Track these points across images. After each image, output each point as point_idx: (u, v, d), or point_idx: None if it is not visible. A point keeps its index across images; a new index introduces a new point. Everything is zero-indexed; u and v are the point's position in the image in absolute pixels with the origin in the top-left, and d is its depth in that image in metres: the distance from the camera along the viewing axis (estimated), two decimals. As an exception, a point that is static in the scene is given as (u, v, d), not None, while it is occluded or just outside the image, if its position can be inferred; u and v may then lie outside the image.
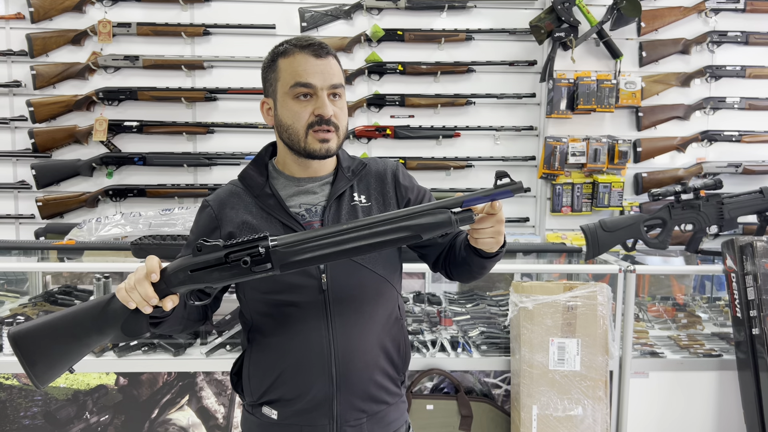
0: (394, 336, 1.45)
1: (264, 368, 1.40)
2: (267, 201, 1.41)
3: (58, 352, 1.23)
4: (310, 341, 1.36)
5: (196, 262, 1.20)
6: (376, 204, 1.44)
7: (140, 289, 1.18)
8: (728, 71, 3.34)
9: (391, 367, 1.44)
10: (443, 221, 1.21)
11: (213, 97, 3.25)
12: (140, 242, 2.53)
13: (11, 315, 2.58)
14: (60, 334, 1.23)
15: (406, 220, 1.21)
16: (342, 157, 1.49)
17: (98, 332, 1.22)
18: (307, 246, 1.20)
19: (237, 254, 1.19)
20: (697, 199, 2.70)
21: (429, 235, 1.22)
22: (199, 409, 2.46)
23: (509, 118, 3.41)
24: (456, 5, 3.30)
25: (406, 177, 1.51)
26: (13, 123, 3.25)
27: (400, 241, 1.22)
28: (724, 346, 2.69)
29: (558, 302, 2.39)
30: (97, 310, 1.23)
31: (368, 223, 1.21)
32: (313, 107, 1.35)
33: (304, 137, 1.35)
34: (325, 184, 1.44)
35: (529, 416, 2.37)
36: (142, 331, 1.24)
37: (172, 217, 2.90)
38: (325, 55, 1.37)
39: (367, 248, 1.21)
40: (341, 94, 1.39)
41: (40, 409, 2.40)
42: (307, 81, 1.34)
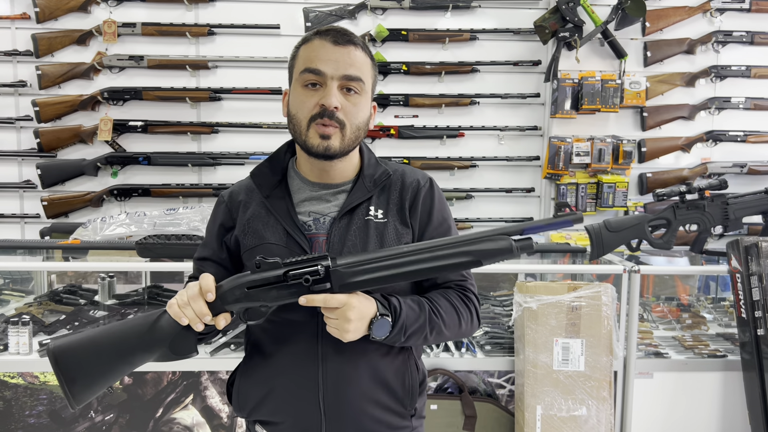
0: (396, 367, 1.32)
1: (254, 384, 1.33)
2: (276, 203, 1.32)
3: (100, 370, 1.16)
4: (300, 364, 1.27)
5: (253, 280, 1.17)
6: (392, 221, 1.32)
7: (195, 306, 1.15)
8: (733, 71, 3.33)
9: (392, 401, 1.32)
10: (504, 248, 1.18)
11: (217, 97, 3.26)
12: (145, 242, 2.54)
13: (16, 314, 2.59)
14: (104, 350, 1.17)
15: (468, 245, 1.18)
16: (366, 163, 1.36)
17: (144, 350, 1.17)
18: (367, 267, 1.17)
19: (297, 272, 1.16)
20: (701, 199, 2.69)
21: (489, 261, 1.19)
22: (203, 409, 2.46)
23: (513, 118, 3.40)
24: (460, 5, 3.30)
25: (427, 202, 1.36)
26: (18, 123, 3.26)
27: (460, 266, 1.19)
28: (729, 346, 2.69)
29: (562, 302, 2.39)
30: (145, 327, 1.18)
31: (429, 247, 1.19)
32: (319, 97, 1.23)
33: (306, 129, 1.25)
34: (340, 193, 1.33)
35: (533, 416, 2.37)
36: (191, 350, 1.19)
37: (176, 217, 2.90)
38: (345, 42, 1.25)
39: (427, 271, 1.19)
40: (359, 90, 1.26)
41: (45, 408, 2.41)
42: (316, 67, 1.23)
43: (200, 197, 3.32)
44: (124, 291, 3.09)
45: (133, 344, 1.17)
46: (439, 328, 1.28)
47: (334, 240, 1.28)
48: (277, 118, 3.30)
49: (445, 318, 1.29)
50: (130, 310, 2.75)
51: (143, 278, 3.24)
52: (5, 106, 3.26)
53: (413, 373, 1.35)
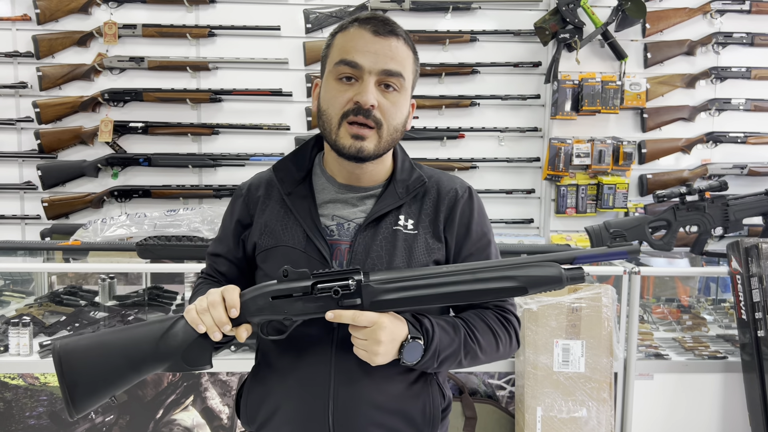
0: (416, 392, 1.20)
1: (262, 397, 1.23)
2: (298, 202, 1.21)
3: (105, 376, 1.08)
4: (310, 381, 1.17)
5: (279, 289, 1.09)
6: (423, 233, 1.20)
7: (214, 313, 1.07)
8: (733, 72, 3.33)
9: (409, 428, 1.19)
10: (554, 277, 1.09)
11: (218, 98, 3.26)
12: (145, 243, 2.54)
13: (17, 315, 2.59)
14: (112, 353, 1.08)
15: (514, 269, 1.09)
16: (400, 167, 1.25)
17: (155, 357, 1.09)
18: (402, 285, 1.08)
19: (326, 285, 1.07)
20: (702, 200, 2.70)
21: (536, 290, 1.10)
22: (203, 410, 2.46)
23: (514, 119, 3.40)
24: (460, 6, 3.30)
25: (466, 214, 1.24)
26: (19, 124, 3.26)
27: (503, 291, 1.09)
28: (729, 348, 2.69)
29: (562, 304, 2.39)
30: (159, 332, 1.09)
31: (471, 269, 1.10)
32: (354, 93, 1.12)
33: (337, 128, 1.14)
34: (369, 198, 1.22)
35: (534, 418, 2.37)
36: (205, 362, 1.11)
37: (177, 218, 2.91)
38: (386, 33, 1.13)
39: (466, 295, 1.09)
40: (398, 87, 1.15)
41: (45, 409, 2.41)
42: (352, 59, 1.11)
43: (201, 198, 3.32)
44: (125, 292, 3.09)
45: (144, 349, 1.09)
46: (475, 353, 1.17)
47: (357, 249, 1.17)
48: (277, 120, 3.31)
49: (482, 341, 1.18)
50: (130, 311, 2.75)
51: (144, 279, 3.24)
52: (6, 107, 3.27)
53: (435, 399, 1.22)
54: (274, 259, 1.19)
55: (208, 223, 2.86)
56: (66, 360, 1.07)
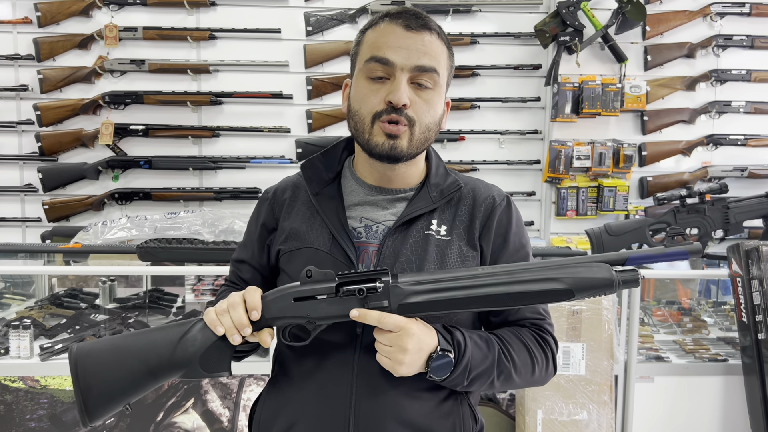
0: (444, 413, 1.09)
1: (276, 413, 1.14)
2: (325, 203, 1.15)
3: (121, 380, 1.03)
4: (329, 391, 1.08)
5: (302, 290, 1.02)
6: (457, 240, 1.13)
7: (233, 314, 1.01)
8: (733, 75, 3.34)
9: None
10: (604, 280, 0.98)
11: (218, 100, 3.26)
12: (146, 245, 2.54)
13: (17, 318, 2.59)
14: (128, 358, 1.04)
15: (558, 270, 0.99)
16: (434, 171, 1.18)
17: (172, 362, 1.04)
18: (434, 286, 1.00)
19: (351, 286, 1.00)
20: (702, 203, 2.70)
21: (583, 294, 0.99)
22: (204, 413, 2.46)
23: (514, 121, 3.41)
24: (461, 9, 3.30)
25: (503, 223, 1.17)
26: (20, 126, 3.27)
27: (546, 295, 0.99)
28: (730, 350, 2.68)
29: (563, 306, 2.39)
30: (177, 336, 1.05)
31: (510, 269, 1.01)
32: (386, 92, 1.06)
33: (369, 127, 1.08)
34: (400, 200, 1.16)
35: (534, 421, 2.37)
36: (223, 368, 1.04)
37: (177, 221, 2.91)
38: (418, 27, 1.07)
39: (504, 298, 0.99)
40: (432, 83, 1.08)
41: (46, 411, 2.41)
42: (384, 56, 1.06)
43: (201, 201, 3.32)
44: (125, 295, 3.09)
45: (161, 353, 1.04)
46: (509, 373, 1.07)
47: (386, 252, 1.10)
48: (278, 122, 3.31)
49: (517, 362, 1.08)
50: (131, 313, 2.75)
51: (144, 282, 3.24)
52: (7, 109, 3.27)
53: (467, 422, 1.12)
54: (297, 261, 1.13)
55: (209, 225, 2.86)
56: (81, 363, 1.03)
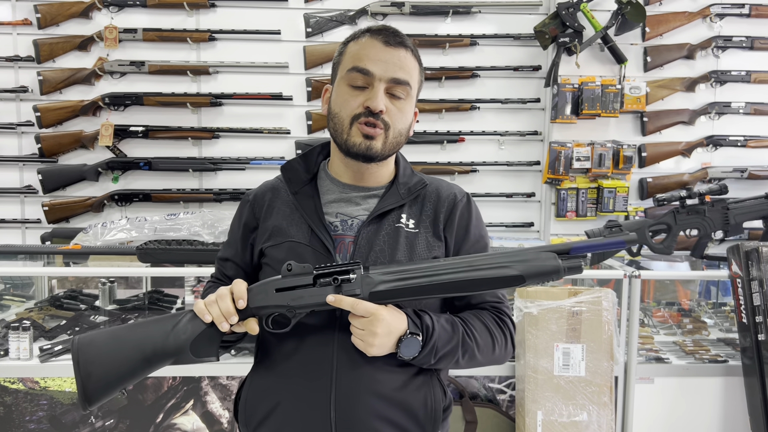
0: (417, 386, 1.22)
1: (261, 394, 1.25)
2: (304, 201, 1.27)
3: (117, 368, 1.13)
4: (312, 375, 1.19)
5: (283, 282, 1.14)
6: (424, 233, 1.26)
7: (221, 304, 1.11)
8: (733, 76, 3.34)
9: (412, 423, 1.21)
10: (551, 269, 1.11)
11: (218, 102, 3.26)
12: (145, 247, 2.54)
13: (17, 319, 2.59)
14: (125, 347, 1.14)
15: (514, 258, 1.12)
16: (402, 171, 1.32)
17: (165, 350, 1.14)
18: (400, 276, 1.12)
19: (327, 279, 1.13)
20: (702, 204, 2.70)
21: (534, 281, 1.12)
22: (203, 414, 2.46)
23: (514, 123, 3.41)
24: (460, 11, 3.30)
25: (465, 217, 1.30)
26: (19, 128, 3.26)
27: (500, 281, 1.12)
28: (730, 351, 2.68)
29: (563, 307, 2.38)
30: (170, 325, 1.15)
31: (468, 260, 1.14)
32: (365, 98, 1.19)
33: (348, 128, 1.20)
34: (371, 197, 1.28)
35: (534, 422, 2.37)
36: (212, 354, 1.15)
37: (177, 222, 2.91)
38: (395, 44, 1.22)
39: (465, 284, 1.12)
40: (405, 94, 1.23)
41: (45, 413, 2.41)
42: (364, 67, 1.19)
43: (201, 202, 3.32)
44: (125, 296, 3.09)
45: (155, 343, 1.14)
46: (472, 352, 1.20)
47: (361, 243, 1.22)
48: (278, 124, 3.31)
49: (480, 341, 1.22)
50: (130, 315, 2.75)
51: (144, 283, 3.24)
52: (7, 111, 3.27)
53: (437, 395, 1.24)
54: (280, 253, 1.24)
55: (209, 227, 2.86)
56: (83, 352, 1.12)
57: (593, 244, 1.13)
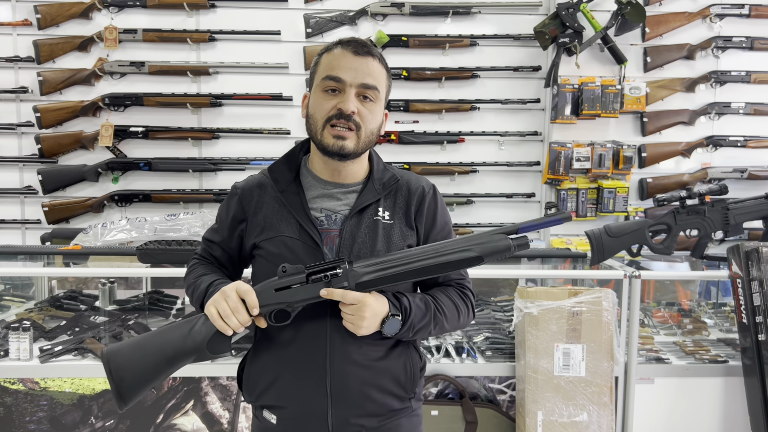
0: (397, 355, 1.42)
1: (262, 369, 1.42)
2: (291, 198, 1.41)
3: (145, 369, 1.29)
4: (308, 350, 1.36)
5: (280, 282, 1.30)
6: (398, 223, 1.43)
7: (239, 317, 1.27)
8: (733, 76, 3.34)
9: (393, 385, 1.41)
10: (504, 246, 1.32)
11: (218, 102, 3.26)
12: (145, 247, 2.54)
13: (17, 320, 2.59)
14: (149, 352, 1.30)
15: (471, 242, 1.32)
16: (375, 168, 1.47)
17: (184, 351, 1.30)
18: (380, 267, 1.30)
19: (318, 275, 1.30)
20: (702, 204, 2.69)
21: (491, 258, 1.32)
22: (203, 414, 2.46)
23: (514, 123, 3.41)
24: (460, 11, 3.31)
25: (432, 207, 1.47)
26: (19, 128, 3.27)
27: (463, 263, 1.32)
28: (730, 352, 2.68)
29: (563, 308, 2.38)
30: (186, 330, 1.31)
31: (434, 247, 1.33)
32: (337, 101, 1.34)
33: (321, 129, 1.35)
34: (351, 192, 1.43)
35: (534, 422, 2.37)
36: (226, 350, 1.31)
37: (177, 223, 2.91)
38: (364, 53, 1.36)
39: (434, 269, 1.31)
40: (374, 98, 1.37)
41: (45, 414, 2.41)
42: (336, 75, 1.34)
43: (201, 203, 3.32)
44: (125, 297, 3.09)
45: (175, 346, 1.30)
46: (442, 324, 1.41)
47: (345, 236, 1.37)
48: (277, 124, 3.31)
49: (447, 314, 1.42)
50: (130, 315, 2.75)
51: (144, 284, 3.24)
52: (7, 112, 3.27)
53: (414, 360, 1.45)
54: (273, 247, 1.39)
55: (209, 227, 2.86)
56: (113, 361, 1.28)
57: (536, 223, 1.34)
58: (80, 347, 2.49)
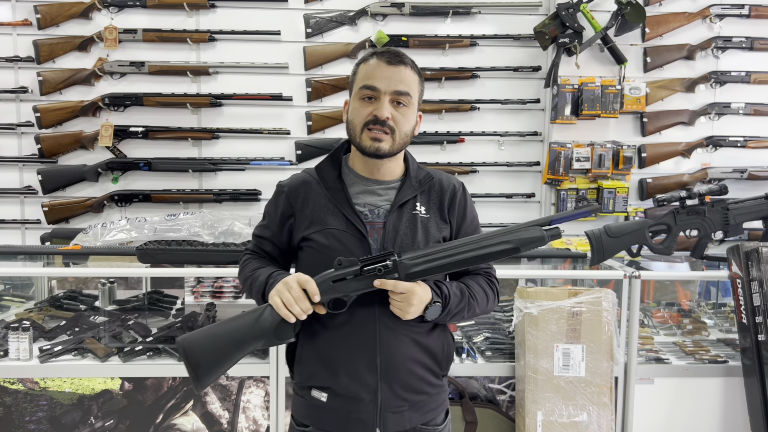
0: (437, 336, 1.58)
1: (316, 351, 1.54)
2: (336, 194, 1.54)
3: (218, 355, 1.42)
4: (359, 333, 1.50)
5: (336, 275, 1.43)
6: (434, 217, 1.58)
7: (302, 306, 1.41)
8: (733, 77, 3.34)
9: (433, 363, 1.57)
10: (538, 237, 1.45)
11: (218, 102, 3.26)
12: (145, 247, 2.54)
13: (17, 320, 2.59)
14: (220, 339, 1.43)
15: (508, 235, 1.46)
16: (411, 166, 1.61)
17: (252, 337, 1.44)
18: (427, 259, 1.44)
19: (371, 267, 1.43)
20: (702, 204, 2.69)
21: (526, 248, 1.46)
22: (203, 415, 2.46)
23: (514, 123, 3.41)
24: (460, 11, 3.31)
25: (462, 203, 1.63)
26: (19, 128, 3.27)
27: (502, 253, 1.46)
28: (730, 352, 2.68)
29: (563, 308, 2.38)
30: (253, 319, 1.44)
31: (475, 239, 1.47)
32: (373, 108, 1.48)
33: (360, 133, 1.50)
34: (390, 189, 1.58)
35: (534, 422, 2.37)
36: (291, 336, 1.46)
37: (177, 223, 2.91)
38: (396, 63, 1.49)
39: (476, 259, 1.46)
40: (407, 103, 1.50)
41: (45, 414, 2.41)
42: (372, 84, 1.48)
43: (201, 203, 3.32)
44: (125, 297, 3.09)
45: (244, 333, 1.43)
46: (474, 309, 1.56)
47: (389, 228, 1.52)
48: (277, 124, 3.31)
49: (479, 300, 1.57)
50: (130, 315, 2.75)
51: (144, 284, 3.24)
52: (6, 112, 3.27)
53: (449, 342, 1.63)
54: (323, 239, 1.52)
55: (209, 227, 2.86)
56: (188, 348, 1.41)
57: (568, 215, 1.47)
58: (80, 347, 2.49)
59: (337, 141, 3.31)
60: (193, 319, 2.63)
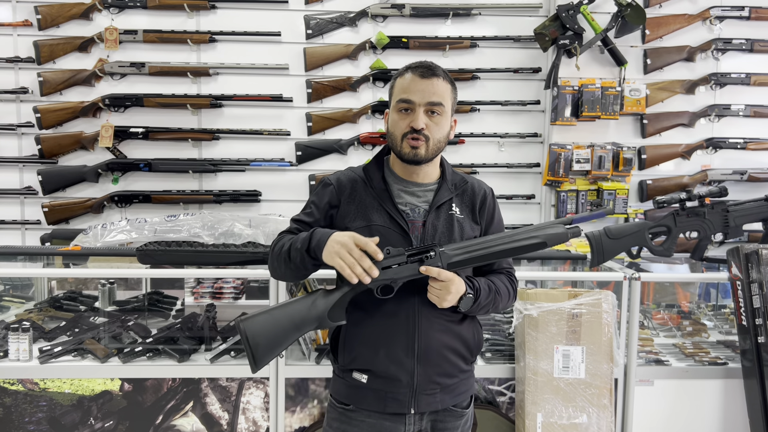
0: (468, 325, 1.72)
1: (359, 336, 1.66)
2: (381, 193, 1.68)
3: (276, 335, 1.53)
4: (399, 321, 1.63)
5: (386, 262, 1.55)
6: (467, 218, 1.72)
7: (364, 264, 1.50)
8: (733, 79, 3.34)
9: (465, 349, 1.71)
10: (562, 234, 1.65)
11: (218, 103, 3.27)
12: (145, 248, 2.54)
13: (17, 320, 2.59)
14: (279, 321, 1.54)
15: (537, 231, 1.64)
16: (447, 171, 1.76)
17: (309, 317, 1.55)
18: (467, 250, 1.60)
19: (417, 256, 1.57)
20: (702, 206, 2.69)
21: (552, 243, 1.64)
22: (203, 416, 2.46)
23: (514, 125, 3.41)
24: (461, 13, 3.31)
25: (491, 207, 1.80)
26: (19, 129, 3.27)
27: (531, 247, 1.63)
28: (730, 354, 2.68)
29: (563, 310, 2.38)
30: (309, 301, 1.57)
31: (508, 234, 1.64)
32: (410, 119, 1.62)
33: (400, 143, 1.64)
34: (428, 191, 1.72)
35: (534, 424, 2.37)
36: (342, 318, 1.58)
37: (177, 223, 2.90)
38: (429, 76, 1.64)
39: (509, 252, 1.63)
40: (440, 112, 1.65)
41: (44, 414, 2.40)
42: (407, 97, 1.62)
43: (201, 204, 3.32)
44: (125, 297, 3.09)
45: (302, 314, 1.55)
46: (497, 304, 1.72)
47: (428, 226, 1.66)
48: (278, 125, 3.31)
49: (502, 296, 1.72)
50: (130, 316, 2.75)
51: (144, 285, 3.24)
52: (7, 112, 3.27)
53: (479, 331, 1.77)
54: (368, 233, 1.62)
55: (209, 228, 2.85)
56: (249, 329, 1.51)
57: (586, 216, 1.69)
58: (80, 348, 2.49)
59: (337, 142, 3.31)
60: (192, 320, 2.63)
